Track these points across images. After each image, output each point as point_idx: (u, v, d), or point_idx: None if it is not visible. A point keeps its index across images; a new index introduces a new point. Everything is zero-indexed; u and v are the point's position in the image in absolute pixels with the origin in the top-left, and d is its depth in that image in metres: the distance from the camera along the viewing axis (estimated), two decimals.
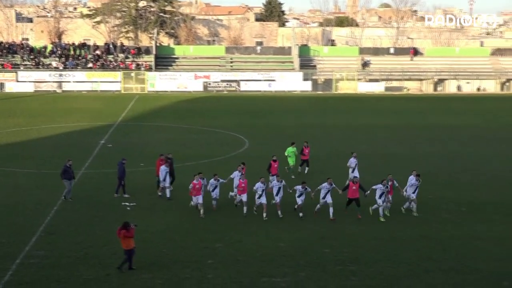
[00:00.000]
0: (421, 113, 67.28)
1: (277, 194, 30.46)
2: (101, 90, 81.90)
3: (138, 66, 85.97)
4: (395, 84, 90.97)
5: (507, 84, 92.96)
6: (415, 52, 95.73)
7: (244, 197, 30.56)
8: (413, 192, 30.74)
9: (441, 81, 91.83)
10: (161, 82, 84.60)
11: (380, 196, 29.98)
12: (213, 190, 31.10)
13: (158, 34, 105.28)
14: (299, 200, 30.05)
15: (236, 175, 31.83)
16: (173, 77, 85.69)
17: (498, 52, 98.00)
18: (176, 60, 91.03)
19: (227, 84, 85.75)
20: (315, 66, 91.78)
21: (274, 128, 56.28)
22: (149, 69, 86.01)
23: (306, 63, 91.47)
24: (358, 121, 61.22)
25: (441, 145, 49.03)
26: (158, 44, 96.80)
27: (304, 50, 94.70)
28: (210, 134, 53.38)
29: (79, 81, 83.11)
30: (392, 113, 66.96)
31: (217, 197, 31.20)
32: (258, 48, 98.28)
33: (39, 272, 23.31)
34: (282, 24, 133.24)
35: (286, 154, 38.26)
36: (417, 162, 42.40)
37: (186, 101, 75.87)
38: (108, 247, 25.41)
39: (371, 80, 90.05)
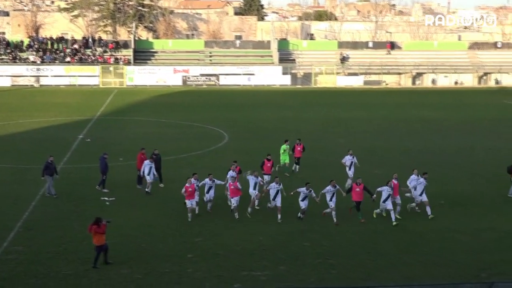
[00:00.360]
0: (400, 107, 67.64)
1: (274, 198, 28.76)
2: (79, 85, 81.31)
3: (116, 60, 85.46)
4: (373, 78, 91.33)
5: (484, 77, 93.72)
6: (392, 46, 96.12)
7: (234, 201, 28.89)
8: (420, 195, 29.40)
9: (419, 75, 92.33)
10: (140, 76, 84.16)
11: (385, 200, 28.40)
12: (207, 192, 29.53)
13: (136, 28, 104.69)
14: (303, 204, 28.50)
15: (230, 175, 30.15)
16: (152, 71, 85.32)
17: (476, 46, 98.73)
18: (155, 54, 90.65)
19: (206, 78, 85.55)
20: (294, 60, 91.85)
21: (253, 122, 56.27)
22: (128, 63, 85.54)
23: (285, 57, 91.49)
24: (337, 114, 61.40)
25: (420, 139, 49.31)
26: (136, 38, 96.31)
27: (283, 44, 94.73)
28: (189, 128, 53.26)
29: (57, 75, 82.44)
30: (371, 107, 67.22)
31: (211, 199, 29.61)
32: (237, 42, 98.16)
33: (17, 267, 23.13)
34: (261, 18, 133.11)
35: (281, 152, 37.23)
36: (395, 155, 42.69)
37: (165, 96, 75.60)
38: (87, 242, 25.19)
39: (350, 74, 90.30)
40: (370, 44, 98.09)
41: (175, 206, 30.52)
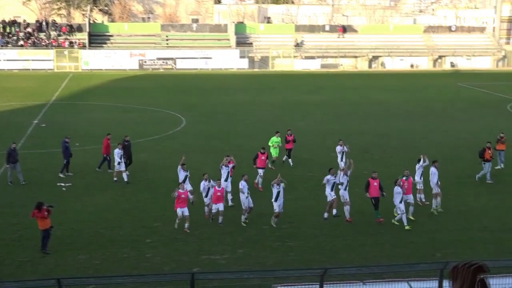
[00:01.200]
0: (356, 90, 68.11)
1: (276, 200, 25.64)
2: (33, 69, 79.89)
3: (71, 44, 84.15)
4: (330, 61, 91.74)
5: (439, 60, 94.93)
6: (344, 29, 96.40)
7: (221, 206, 25.97)
8: (437, 184, 27.53)
9: (375, 58, 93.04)
10: (96, 60, 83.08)
11: (400, 201, 25.75)
12: (206, 195, 26.55)
13: (91, 11, 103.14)
14: (332, 195, 26.20)
15: (224, 171, 28.17)
16: (107, 55, 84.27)
17: (431, 29, 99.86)
18: (111, 38, 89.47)
19: (163, 62, 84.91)
20: (251, 43, 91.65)
21: (211, 106, 56.09)
22: (83, 47, 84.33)
23: (243, 41, 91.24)
24: (294, 98, 61.56)
25: (376, 121, 49.78)
26: (91, 22, 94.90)
27: (240, 27, 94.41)
28: (146, 112, 52.83)
29: (10, 59, 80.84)
30: (328, 90, 67.57)
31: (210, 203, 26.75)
32: (194, 25, 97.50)
33: None
34: (218, 1, 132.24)
35: (270, 144, 34.94)
36: (352, 138, 42.98)
37: (121, 80, 74.80)
38: None
39: (307, 58, 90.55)
40: (327, 28, 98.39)
41: (133, 191, 30.32)
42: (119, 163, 31.55)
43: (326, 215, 26.40)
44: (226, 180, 27.93)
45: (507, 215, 26.85)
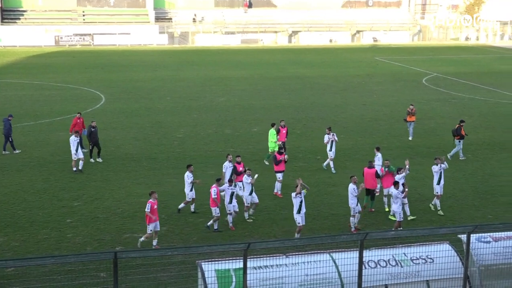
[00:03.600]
0: (276, 65, 68.45)
1: (299, 212, 21.99)
2: None
3: None
4: (250, 36, 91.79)
5: (357, 35, 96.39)
6: (249, 4, 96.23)
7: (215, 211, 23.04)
8: (438, 184, 24.99)
9: (295, 33, 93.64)
10: (9, 37, 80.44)
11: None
12: (230, 201, 23.46)
13: None
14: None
15: (227, 168, 25.72)
16: (21, 31, 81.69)
17: (349, 4, 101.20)
18: (24, 13, 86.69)
19: (80, 38, 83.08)
20: (170, 19, 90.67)
21: (130, 83, 55.28)
22: None
23: (162, 16, 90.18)
24: (215, 73, 61.38)
25: (296, 96, 50.21)
26: None
27: (159, 2, 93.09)
28: (64, 90, 51.59)
29: None
30: (248, 65, 67.66)
31: (236, 210, 23.93)
32: (112, 0, 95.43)
33: None
34: None
35: (271, 139, 31.11)
36: (274, 113, 43.28)
37: (37, 56, 72.74)
38: None
39: (227, 33, 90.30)
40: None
41: (51, 171, 29.65)
42: (76, 151, 29.46)
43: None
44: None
45: (422, 185, 27.63)
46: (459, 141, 32.29)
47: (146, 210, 21.33)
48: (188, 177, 24.53)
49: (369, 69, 66.76)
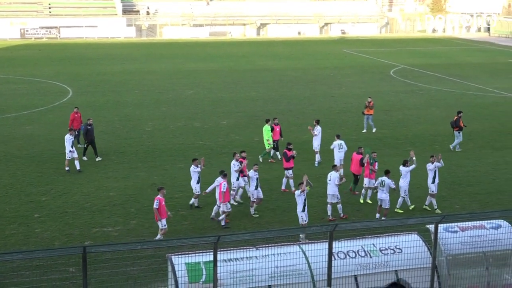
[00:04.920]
0: (245, 57, 68.43)
1: (303, 210, 21.64)
2: None
3: None
4: (219, 29, 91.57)
5: (325, 27, 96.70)
6: None
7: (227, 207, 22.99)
8: (432, 183, 24.50)
9: (263, 25, 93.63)
10: None
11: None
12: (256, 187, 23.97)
13: None
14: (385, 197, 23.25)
15: (235, 167, 25.00)
16: None
17: None
18: None
19: (46, 31, 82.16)
20: (138, 11, 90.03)
21: (98, 76, 54.83)
22: None
23: (129, 9, 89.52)
24: (184, 66, 61.16)
25: (265, 88, 50.25)
26: None
27: None
28: (30, 83, 50.97)
29: None
30: (217, 58, 67.52)
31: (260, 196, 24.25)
32: None
33: None
34: None
35: (266, 137, 30.48)
36: (242, 105, 43.30)
37: (2, 50, 71.79)
38: None
39: (195, 26, 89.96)
40: None
41: (18, 165, 29.31)
42: (70, 151, 28.53)
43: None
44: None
45: (391, 177, 27.78)
46: (459, 133, 32.95)
47: (154, 206, 20.96)
48: (194, 170, 24.25)
49: (337, 61, 67.06)
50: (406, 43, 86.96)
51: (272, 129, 30.69)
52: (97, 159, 30.29)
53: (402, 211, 24.48)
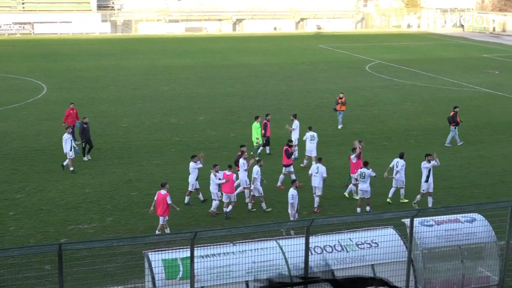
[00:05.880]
0: (221, 53, 68.31)
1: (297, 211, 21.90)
2: None
3: None
4: (195, 24, 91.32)
5: (301, 23, 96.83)
6: None
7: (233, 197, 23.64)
8: (426, 181, 24.49)
9: (239, 21, 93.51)
10: None
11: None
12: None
13: None
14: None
15: (244, 166, 24.71)
16: None
17: None
18: None
19: (20, 27, 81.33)
20: (113, 7, 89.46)
21: (72, 72, 54.38)
22: None
23: (104, 4, 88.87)
24: (159, 62, 60.90)
25: (241, 84, 50.23)
26: None
27: None
28: (4, 80, 50.41)
29: None
30: (193, 54, 67.31)
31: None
32: None
33: None
34: None
35: (256, 136, 30.45)
36: (219, 101, 43.24)
37: None
38: None
39: (171, 21, 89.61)
40: None
41: None
42: (71, 149, 27.76)
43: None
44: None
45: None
46: (455, 127, 33.20)
47: (169, 202, 21.12)
48: (194, 167, 24.37)
49: (313, 56, 67.19)
50: (381, 38, 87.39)
51: (265, 126, 30.67)
52: (84, 158, 29.53)
53: (407, 200, 24.95)
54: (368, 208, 23.83)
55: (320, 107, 42.14)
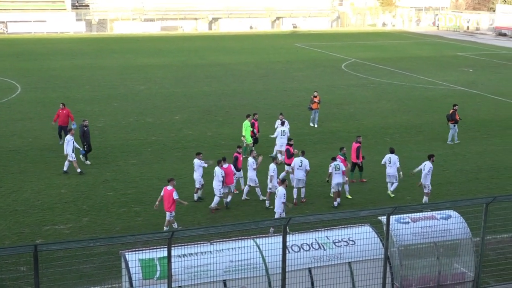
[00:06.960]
0: (197, 52, 68.15)
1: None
2: None
3: None
4: (170, 23, 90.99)
5: (277, 22, 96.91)
6: None
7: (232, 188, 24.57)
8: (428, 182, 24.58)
9: (215, 20, 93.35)
10: None
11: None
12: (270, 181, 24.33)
13: None
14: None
15: (254, 165, 25.01)
16: None
17: None
18: None
19: None
20: (88, 6, 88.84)
21: (47, 71, 53.92)
22: None
23: (79, 3, 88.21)
24: (135, 61, 60.60)
25: (218, 83, 50.17)
26: None
27: None
28: None
29: None
30: (169, 53, 67.09)
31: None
32: None
33: None
34: None
35: (245, 133, 30.52)
36: (195, 100, 43.15)
37: None
38: None
39: (146, 20, 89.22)
40: None
41: None
42: (73, 151, 27.50)
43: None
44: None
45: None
46: (454, 125, 33.53)
47: (176, 198, 21.28)
48: (200, 164, 24.67)
49: (289, 55, 67.30)
50: (357, 37, 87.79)
51: (253, 125, 30.68)
52: (86, 162, 29.10)
53: (393, 195, 25.50)
54: (338, 200, 24.37)
55: (296, 105, 42.21)
